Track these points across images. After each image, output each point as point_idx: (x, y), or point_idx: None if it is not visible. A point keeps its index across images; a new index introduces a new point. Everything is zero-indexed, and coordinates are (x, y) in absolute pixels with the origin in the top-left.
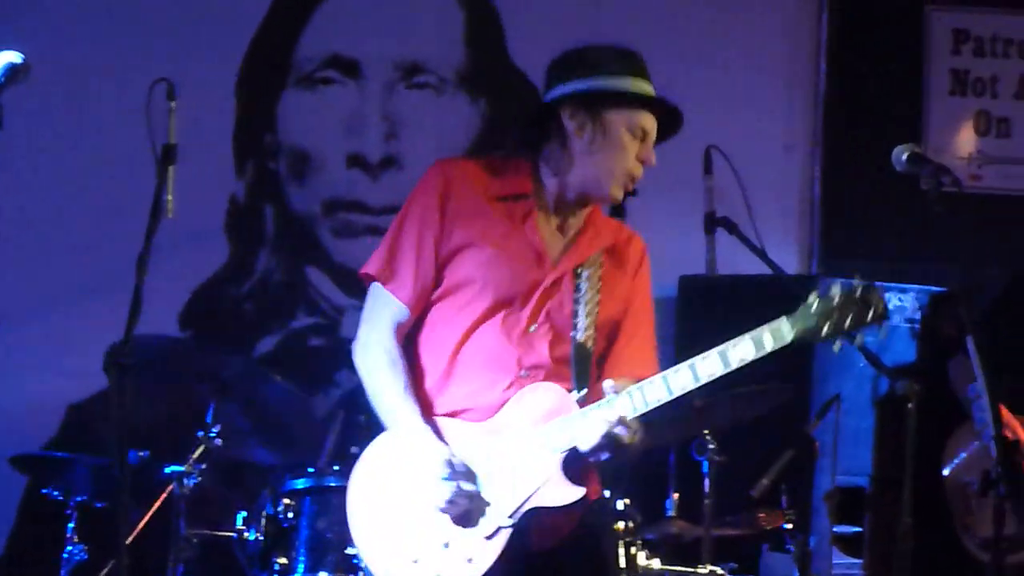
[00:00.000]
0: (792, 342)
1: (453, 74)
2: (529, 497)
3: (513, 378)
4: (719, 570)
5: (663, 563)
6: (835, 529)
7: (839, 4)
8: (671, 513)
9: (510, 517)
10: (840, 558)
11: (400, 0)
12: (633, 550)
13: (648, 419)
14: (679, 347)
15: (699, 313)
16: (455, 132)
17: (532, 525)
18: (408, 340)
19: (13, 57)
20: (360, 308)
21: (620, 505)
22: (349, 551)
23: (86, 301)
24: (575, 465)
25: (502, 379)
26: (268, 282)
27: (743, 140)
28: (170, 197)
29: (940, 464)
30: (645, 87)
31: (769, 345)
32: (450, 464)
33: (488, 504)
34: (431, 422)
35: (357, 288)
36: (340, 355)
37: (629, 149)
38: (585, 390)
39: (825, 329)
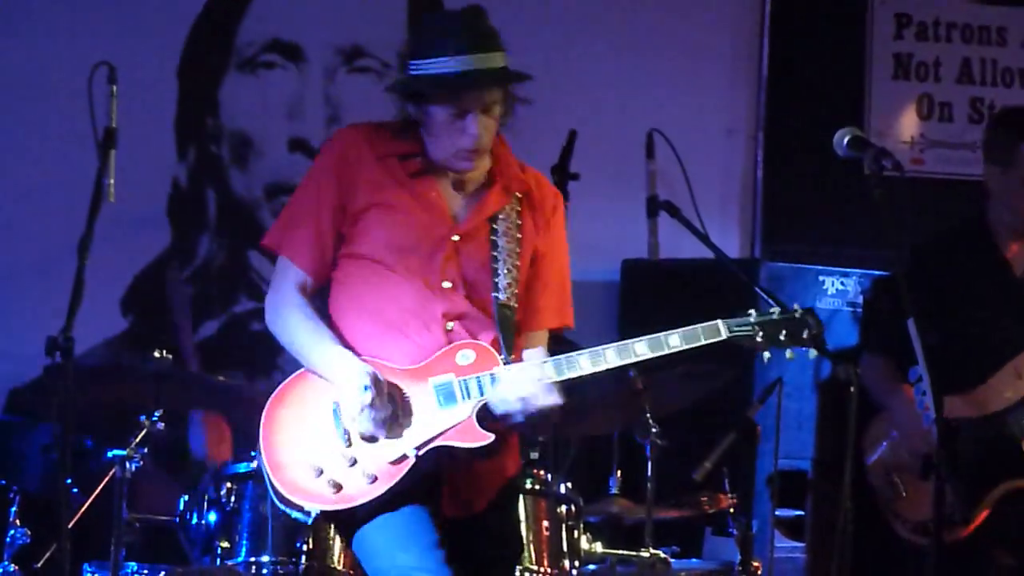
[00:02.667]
0: (726, 340)
1: (395, 58)
2: (439, 434)
3: (440, 330)
4: (662, 553)
5: (605, 546)
6: (777, 512)
7: None
8: (614, 490)
9: (416, 448)
10: (782, 541)
11: None
12: (576, 534)
13: (585, 399)
14: (622, 330)
15: (642, 297)
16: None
17: (446, 478)
18: (327, 305)
19: None
20: None
21: (563, 489)
22: (292, 533)
23: (26, 285)
24: (489, 421)
25: (426, 334)
26: (210, 267)
27: (685, 124)
28: (111, 181)
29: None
30: (459, 64)
31: (702, 339)
32: (374, 377)
33: (400, 431)
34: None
35: None
36: None
37: (452, 128)
38: (512, 356)
39: (759, 338)
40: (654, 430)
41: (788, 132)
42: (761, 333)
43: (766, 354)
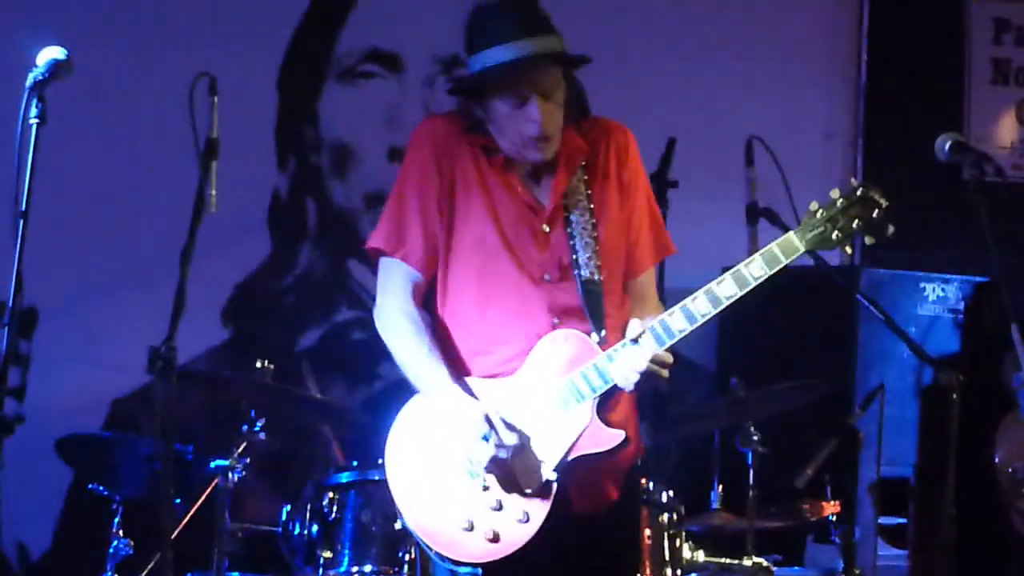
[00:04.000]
0: (804, 251)
1: None
2: (571, 447)
3: (548, 325)
4: (764, 562)
5: (707, 555)
6: (880, 520)
7: None
8: (715, 505)
9: (555, 470)
10: (885, 549)
11: None
12: (678, 542)
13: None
14: (723, 338)
15: (741, 304)
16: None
17: (575, 479)
18: (431, 309)
19: (56, 53)
20: None
21: (664, 497)
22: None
23: (129, 295)
24: (609, 410)
25: (535, 331)
26: (310, 276)
27: (784, 130)
28: (213, 191)
29: (987, 453)
30: (513, 50)
31: (783, 259)
32: (488, 420)
33: (532, 459)
34: (462, 382)
35: None
36: (383, 348)
37: (517, 117)
38: (604, 331)
39: (835, 235)
40: (755, 438)
41: (887, 137)
42: (836, 230)
43: (847, 249)
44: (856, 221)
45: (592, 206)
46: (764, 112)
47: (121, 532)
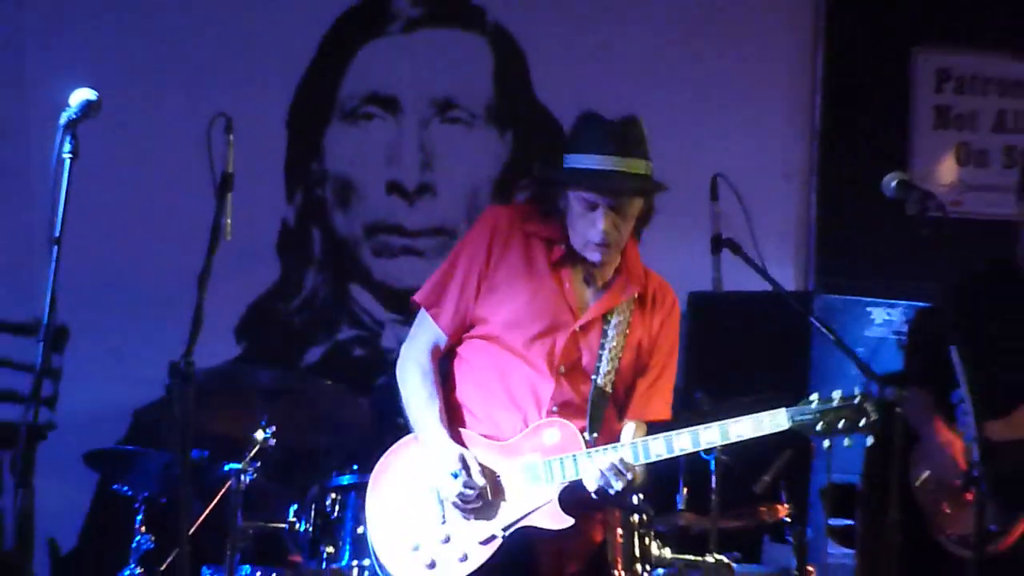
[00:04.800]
0: (788, 429)
1: (483, 109)
2: (524, 516)
3: (546, 412)
4: (725, 559)
5: (673, 552)
6: (830, 522)
7: (834, 45)
8: (681, 506)
9: (503, 529)
10: (835, 548)
11: (435, 42)
12: (647, 541)
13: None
14: (689, 355)
15: (707, 325)
16: (484, 162)
17: (527, 545)
18: (453, 366)
19: (88, 94)
20: (397, 322)
21: (635, 500)
22: None
23: (151, 314)
24: (573, 501)
25: (535, 412)
26: (315, 298)
27: (746, 169)
28: (228, 221)
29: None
30: (599, 162)
31: (766, 429)
32: (463, 461)
33: (490, 512)
34: (454, 431)
35: (396, 304)
36: (380, 364)
37: (586, 219)
38: (596, 434)
39: (819, 427)
40: (717, 447)
41: (839, 177)
42: (821, 422)
43: (826, 443)
44: (843, 422)
45: (628, 332)
46: (728, 152)
47: (144, 529)
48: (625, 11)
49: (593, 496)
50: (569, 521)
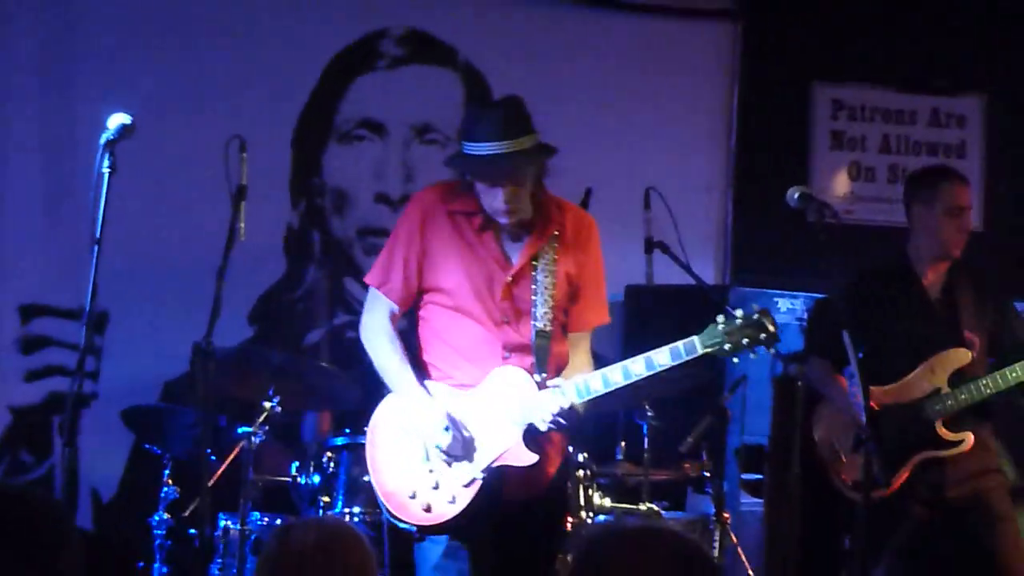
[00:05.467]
0: (702, 354)
1: (455, 132)
2: (497, 457)
3: (499, 361)
4: (655, 507)
5: (613, 501)
6: (742, 476)
7: (747, 79)
8: (620, 456)
9: (482, 472)
10: (747, 499)
11: (416, 77)
12: (591, 491)
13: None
14: (625, 340)
15: (640, 313)
16: (456, 177)
17: (501, 479)
18: (418, 328)
19: (124, 119)
20: None
21: (580, 457)
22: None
23: (176, 303)
24: (534, 436)
25: (490, 362)
26: (315, 290)
27: (674, 183)
28: (242, 225)
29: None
30: (488, 148)
31: (684, 356)
32: (451, 417)
33: (468, 457)
34: (425, 386)
35: None
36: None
37: (489, 194)
38: (544, 374)
39: (727, 346)
40: (650, 414)
41: (752, 189)
42: (728, 343)
43: (735, 359)
44: (746, 339)
45: (555, 269)
46: (658, 168)
47: (170, 481)
48: (575, 51)
49: (548, 432)
50: (535, 458)
